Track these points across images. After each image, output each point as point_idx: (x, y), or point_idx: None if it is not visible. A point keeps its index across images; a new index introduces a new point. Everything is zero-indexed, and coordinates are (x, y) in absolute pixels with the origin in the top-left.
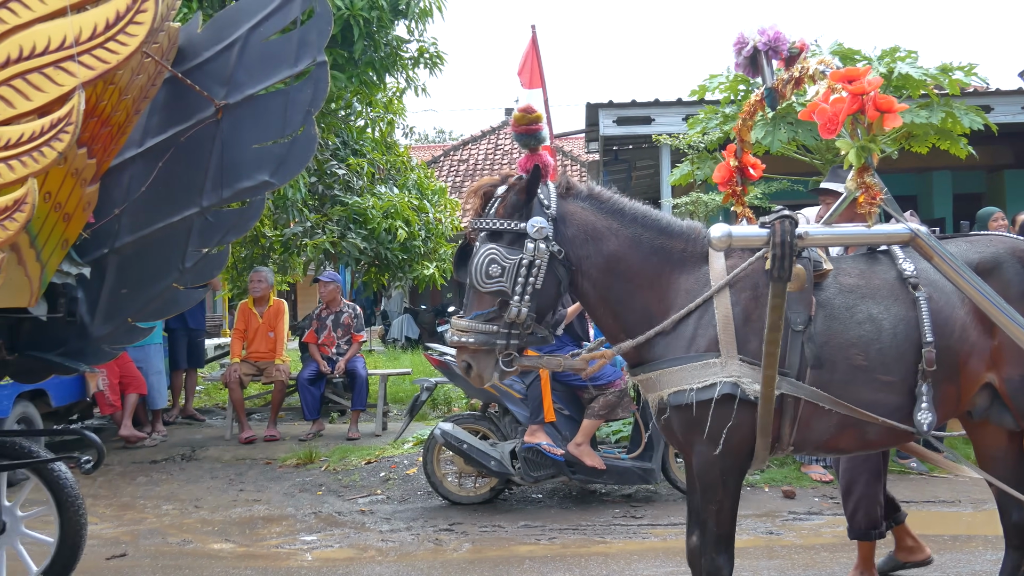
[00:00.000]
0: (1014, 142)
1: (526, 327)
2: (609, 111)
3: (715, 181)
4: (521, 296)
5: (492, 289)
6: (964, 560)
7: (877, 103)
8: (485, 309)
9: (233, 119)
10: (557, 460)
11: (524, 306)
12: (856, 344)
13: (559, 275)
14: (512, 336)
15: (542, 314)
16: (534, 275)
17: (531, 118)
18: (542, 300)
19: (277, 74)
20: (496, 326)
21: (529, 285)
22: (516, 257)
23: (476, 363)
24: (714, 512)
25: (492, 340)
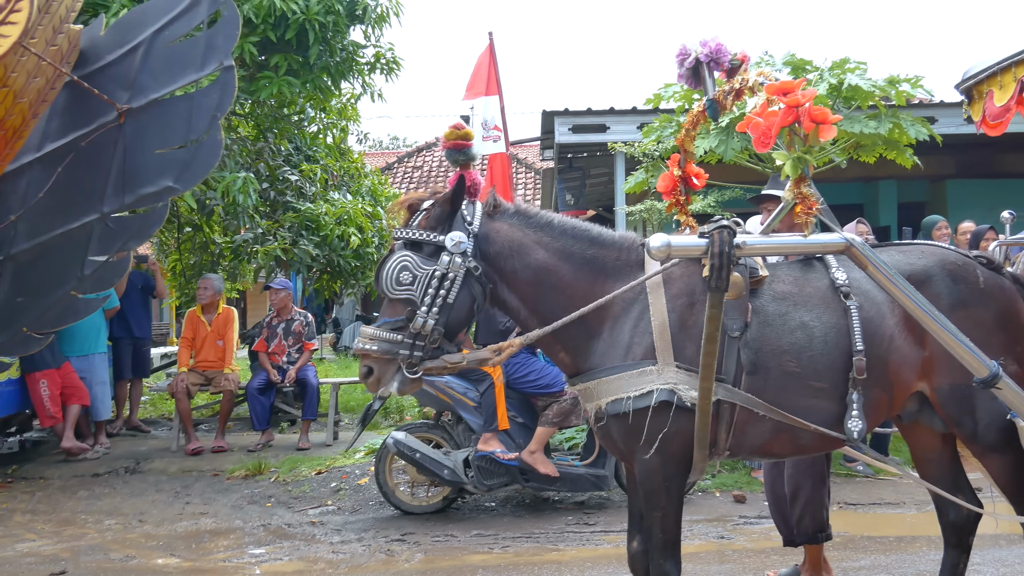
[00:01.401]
0: (956, 153)
1: (432, 340)
2: (564, 119)
3: (659, 190)
4: (430, 307)
5: (401, 296)
6: (909, 560)
7: (812, 115)
8: (394, 317)
9: (136, 123)
10: (511, 468)
11: (431, 318)
12: (789, 351)
13: (474, 292)
14: (416, 348)
15: (453, 330)
16: (446, 288)
17: (461, 134)
18: (453, 315)
19: (183, 78)
20: (401, 336)
21: (440, 298)
22: (430, 268)
23: (378, 370)
24: (659, 518)
25: (395, 350)
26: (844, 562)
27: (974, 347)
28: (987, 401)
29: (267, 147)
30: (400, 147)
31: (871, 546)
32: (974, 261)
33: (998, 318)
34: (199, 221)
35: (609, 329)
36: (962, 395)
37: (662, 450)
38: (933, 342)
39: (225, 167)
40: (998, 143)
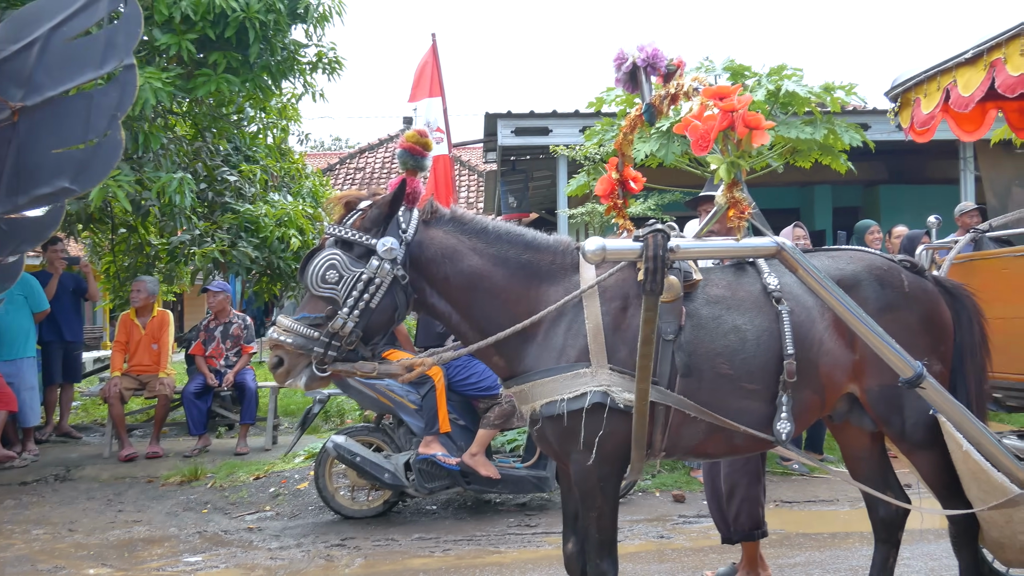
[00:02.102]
0: (889, 159)
1: (349, 342)
2: (507, 121)
3: (597, 194)
4: (351, 310)
5: (324, 294)
6: (842, 556)
7: (746, 120)
8: (314, 313)
9: (31, 122)
10: (452, 471)
11: (351, 320)
12: (722, 354)
13: (397, 300)
14: (331, 347)
15: (370, 334)
16: (371, 293)
17: (421, 141)
18: (373, 320)
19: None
20: (318, 333)
21: (363, 301)
22: (357, 270)
23: (288, 361)
24: (595, 519)
25: (310, 346)
26: (780, 559)
27: (899, 348)
28: (914, 401)
29: (205, 147)
30: (342, 148)
31: (806, 543)
32: (899, 266)
33: (923, 320)
34: (134, 222)
35: (543, 332)
36: (891, 395)
37: (597, 451)
38: (863, 345)
39: (161, 167)
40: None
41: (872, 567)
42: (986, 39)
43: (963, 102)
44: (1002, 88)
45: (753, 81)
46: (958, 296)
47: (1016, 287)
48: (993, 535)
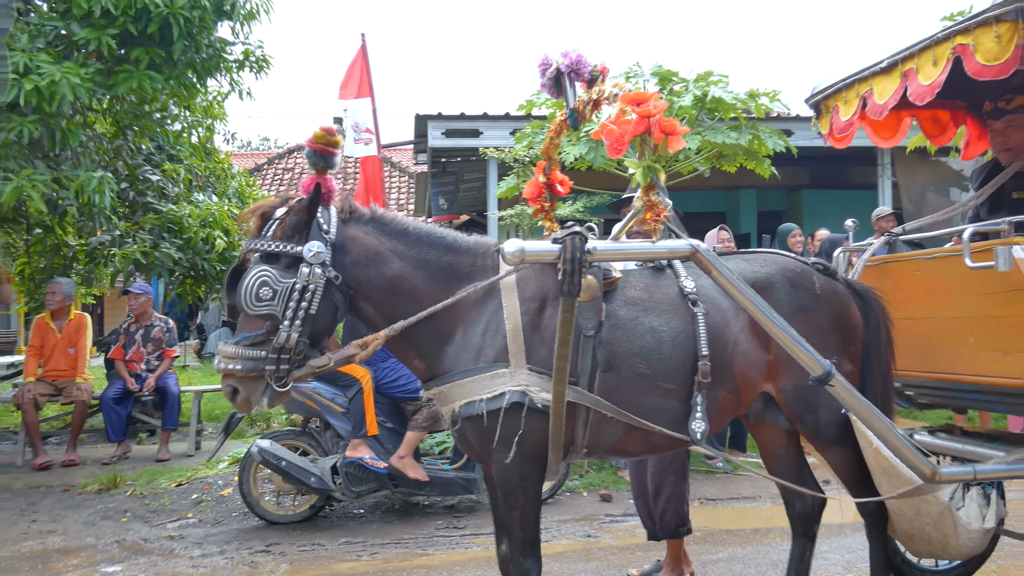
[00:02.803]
0: (811, 164)
1: (297, 352)
2: (438, 123)
3: (525, 197)
4: (292, 321)
5: (262, 312)
6: (763, 551)
7: (662, 126)
8: (253, 332)
9: None
10: (380, 474)
11: (295, 331)
12: (639, 353)
13: (336, 301)
14: (282, 361)
15: (316, 339)
16: (308, 300)
17: (330, 140)
18: (316, 325)
19: None
20: (264, 351)
21: (301, 310)
22: (289, 281)
23: (243, 388)
24: (518, 518)
25: (260, 366)
26: (703, 555)
27: (809, 347)
28: (827, 400)
29: (126, 145)
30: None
31: (729, 539)
32: (812, 268)
33: (833, 321)
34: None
35: (462, 333)
36: (804, 394)
37: (517, 450)
38: (777, 345)
39: (80, 165)
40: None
41: (790, 560)
42: (900, 50)
43: (879, 110)
44: (913, 97)
45: (681, 86)
46: (868, 299)
47: (927, 289)
48: (903, 527)
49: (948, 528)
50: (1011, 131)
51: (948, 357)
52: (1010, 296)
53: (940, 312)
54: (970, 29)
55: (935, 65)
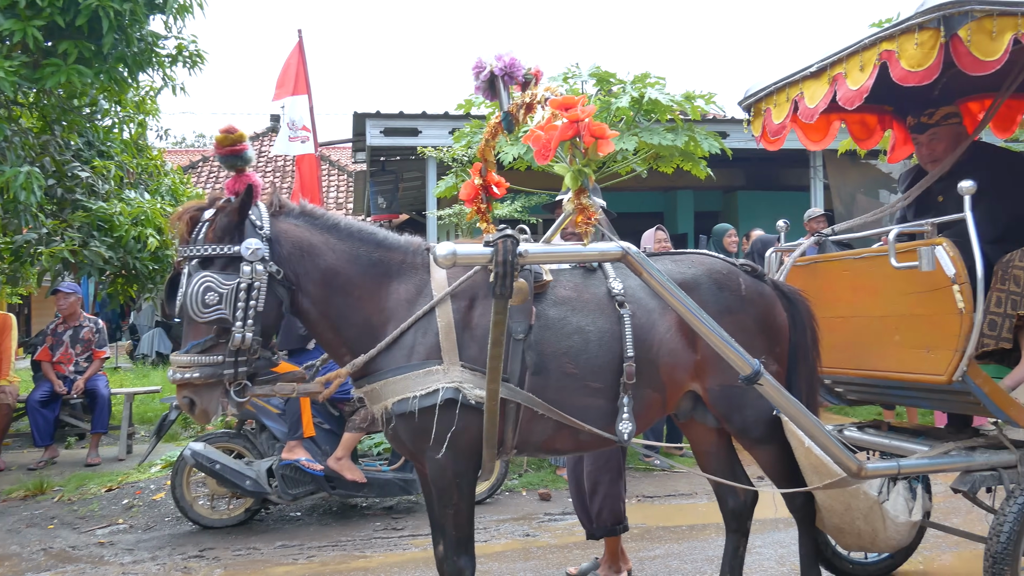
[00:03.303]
0: (746, 166)
1: (253, 352)
2: (376, 121)
3: (461, 198)
4: (244, 321)
5: (211, 318)
6: (699, 547)
7: (591, 130)
8: (203, 338)
9: None
10: (317, 476)
11: (248, 331)
12: (567, 353)
13: (280, 295)
14: (240, 364)
15: (267, 336)
16: (255, 298)
17: (234, 138)
18: (265, 322)
19: None
20: (221, 355)
21: (251, 309)
22: (233, 282)
23: (200, 398)
24: (451, 516)
25: (219, 371)
26: (641, 552)
27: (738, 347)
28: (754, 399)
29: (54, 141)
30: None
31: (666, 535)
32: (738, 269)
33: (758, 322)
34: None
35: (394, 331)
36: (731, 394)
37: (450, 448)
38: (704, 346)
39: (5, 160)
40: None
41: (724, 555)
42: (829, 54)
43: (809, 113)
44: (843, 101)
45: (618, 88)
46: (794, 300)
47: (855, 288)
48: (834, 522)
49: (877, 522)
50: (935, 143)
51: (875, 354)
52: (933, 295)
53: (867, 311)
54: (895, 36)
55: (862, 70)
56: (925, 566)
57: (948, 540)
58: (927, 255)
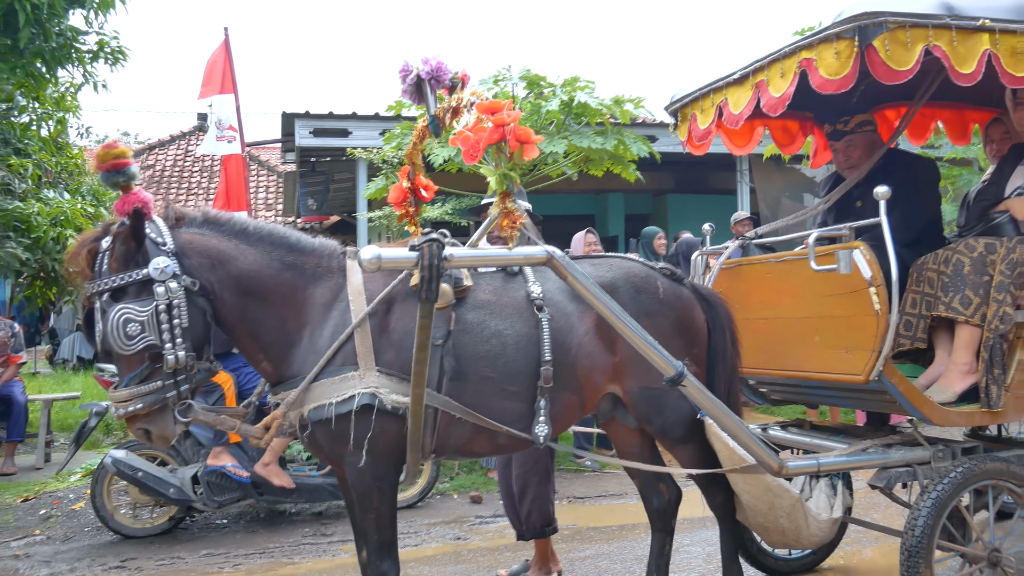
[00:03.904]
0: (675, 170)
1: (189, 368)
2: (306, 122)
3: (390, 202)
4: (172, 342)
5: (139, 347)
6: (629, 547)
7: (517, 134)
8: (138, 368)
9: None
10: (243, 482)
11: (180, 350)
12: (485, 357)
13: (201, 306)
14: (180, 383)
15: (199, 351)
16: (177, 316)
17: (115, 154)
18: (194, 336)
19: None
20: (159, 381)
21: (176, 328)
22: (151, 306)
23: (153, 426)
24: (373, 520)
25: (162, 396)
26: (571, 552)
27: (663, 350)
28: (673, 400)
29: None
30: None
31: (596, 536)
32: (657, 273)
33: (676, 325)
34: None
35: (309, 336)
36: (651, 396)
37: (369, 452)
38: (623, 348)
39: None
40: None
41: (650, 554)
42: (752, 62)
43: (734, 119)
44: (766, 108)
45: (548, 91)
46: (712, 302)
47: (777, 290)
48: (759, 520)
49: (800, 519)
50: (851, 150)
51: (797, 355)
52: (851, 297)
53: (789, 312)
54: (813, 45)
55: (783, 78)
56: (846, 561)
57: (869, 535)
58: (845, 258)
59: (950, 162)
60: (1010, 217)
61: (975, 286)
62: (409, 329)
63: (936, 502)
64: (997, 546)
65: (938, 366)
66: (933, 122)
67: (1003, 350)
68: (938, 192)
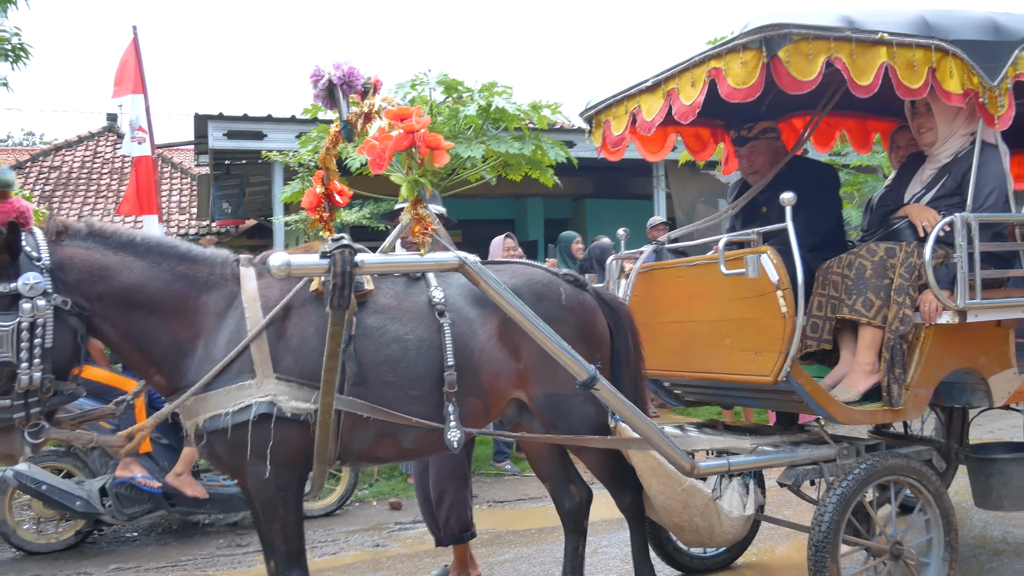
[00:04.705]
0: (594, 175)
1: (46, 391)
2: (219, 124)
3: (303, 207)
4: (30, 362)
5: None
6: (548, 549)
7: (426, 140)
8: None
9: None
10: (154, 493)
11: (36, 371)
12: (386, 362)
13: (72, 326)
14: (31, 406)
15: (61, 372)
16: (40, 335)
17: None
18: (58, 358)
19: None
20: (9, 400)
21: (36, 347)
22: (12, 322)
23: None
24: (279, 530)
25: (8, 416)
26: (491, 557)
27: (575, 354)
28: (578, 406)
29: None
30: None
31: (515, 539)
32: (559, 279)
33: (578, 331)
34: None
35: (203, 345)
36: (556, 401)
37: (271, 461)
38: (527, 355)
39: None
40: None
41: (564, 556)
42: (664, 70)
43: (647, 126)
44: (677, 115)
45: (467, 96)
46: (614, 308)
47: (690, 294)
48: (673, 520)
49: (713, 518)
50: (755, 156)
51: (709, 357)
52: (759, 300)
53: (701, 315)
54: (722, 54)
55: (693, 86)
56: (760, 557)
57: (783, 531)
58: (752, 262)
59: (856, 169)
60: (908, 222)
61: (876, 289)
62: (308, 335)
63: (841, 498)
64: (899, 539)
65: (843, 366)
66: (837, 131)
67: (903, 350)
68: (839, 197)
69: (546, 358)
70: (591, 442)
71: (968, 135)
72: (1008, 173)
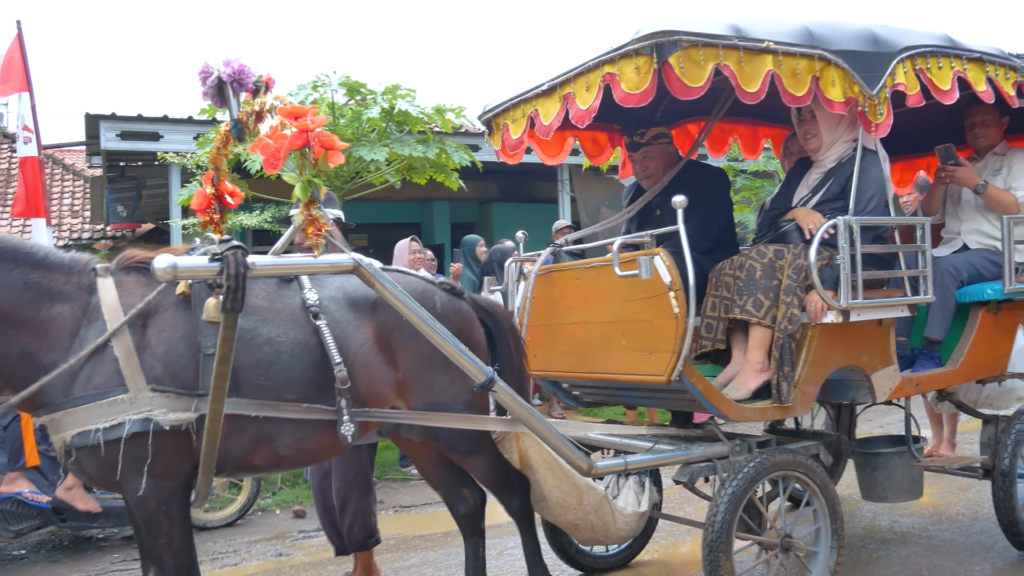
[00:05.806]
0: (500, 179)
1: None
2: (112, 124)
3: (193, 208)
4: None
5: None
6: (454, 553)
7: (321, 140)
8: None
9: None
10: (43, 509)
11: None
12: (258, 365)
13: None
14: None
15: None
16: None
17: None
18: None
19: None
20: None
21: None
22: None
23: None
24: (165, 545)
25: None
26: (396, 562)
27: (473, 356)
28: None
29: None
30: None
31: (421, 544)
32: (435, 287)
33: None
34: None
35: (64, 359)
36: (435, 411)
37: (149, 476)
38: (405, 364)
39: None
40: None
41: (466, 559)
42: (560, 74)
43: (545, 130)
44: (574, 119)
45: (369, 98)
46: (493, 313)
47: (585, 296)
48: (569, 518)
49: (607, 515)
50: (647, 161)
51: (605, 358)
52: (652, 301)
53: (597, 317)
54: (615, 60)
55: (589, 91)
56: (663, 553)
57: (684, 527)
58: (646, 264)
59: (753, 175)
60: (796, 225)
61: (766, 290)
62: (174, 340)
63: (732, 496)
64: (789, 532)
65: (734, 365)
66: (731, 136)
67: (792, 349)
68: (730, 200)
69: (425, 367)
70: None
71: (851, 141)
72: (888, 178)
